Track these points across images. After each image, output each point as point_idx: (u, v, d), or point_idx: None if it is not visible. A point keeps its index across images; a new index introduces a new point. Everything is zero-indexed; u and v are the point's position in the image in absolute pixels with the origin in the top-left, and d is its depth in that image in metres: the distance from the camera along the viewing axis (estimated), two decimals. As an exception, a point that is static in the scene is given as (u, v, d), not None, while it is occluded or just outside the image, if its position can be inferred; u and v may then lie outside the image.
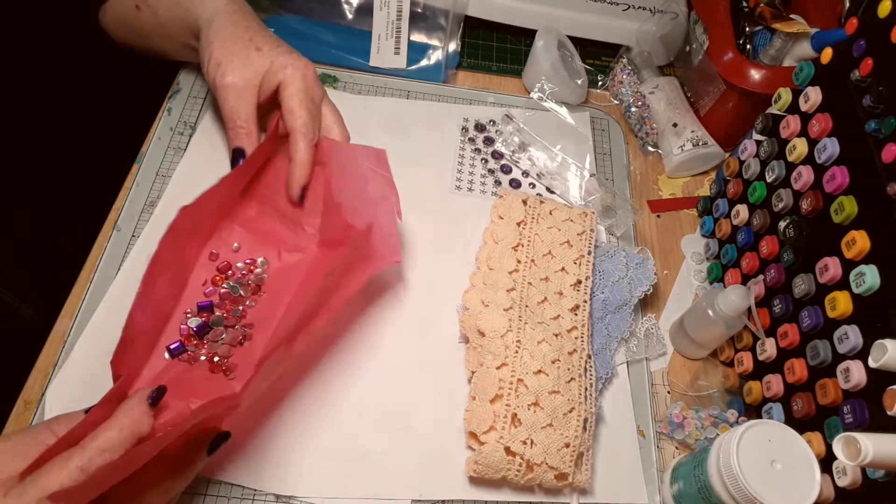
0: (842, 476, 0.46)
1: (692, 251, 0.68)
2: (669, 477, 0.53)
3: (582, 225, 0.61)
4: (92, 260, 0.55)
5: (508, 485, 0.51)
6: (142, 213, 0.58)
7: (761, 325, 0.56)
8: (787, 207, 0.54)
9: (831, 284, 0.49)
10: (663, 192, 0.72)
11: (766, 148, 0.59)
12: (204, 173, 0.60)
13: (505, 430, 0.49)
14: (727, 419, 0.56)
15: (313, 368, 0.54)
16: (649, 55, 0.76)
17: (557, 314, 0.56)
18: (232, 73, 0.54)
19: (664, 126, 0.73)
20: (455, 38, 0.75)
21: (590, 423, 0.52)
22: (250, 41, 0.56)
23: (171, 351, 0.49)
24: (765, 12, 0.68)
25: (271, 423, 0.50)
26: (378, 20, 0.72)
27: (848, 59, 0.51)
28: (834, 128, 0.51)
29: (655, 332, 0.61)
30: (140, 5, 0.58)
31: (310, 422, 0.51)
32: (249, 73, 0.55)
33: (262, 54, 0.55)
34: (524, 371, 0.51)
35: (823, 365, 0.49)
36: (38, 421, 0.47)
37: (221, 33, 0.55)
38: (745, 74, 0.66)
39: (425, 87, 0.73)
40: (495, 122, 0.72)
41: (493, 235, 0.60)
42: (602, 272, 0.61)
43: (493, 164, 0.69)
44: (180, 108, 0.65)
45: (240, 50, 0.55)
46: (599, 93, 0.78)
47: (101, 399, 0.40)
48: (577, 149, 0.71)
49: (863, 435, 0.37)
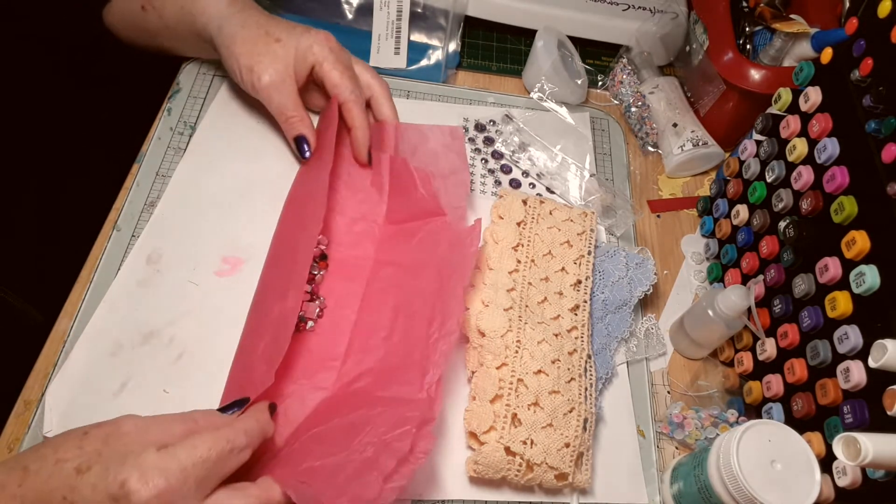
0: (842, 476, 0.45)
1: (692, 251, 0.68)
2: (669, 477, 0.53)
3: (582, 225, 0.61)
4: (92, 260, 0.55)
5: (508, 485, 0.51)
6: (142, 213, 0.58)
7: (761, 325, 0.56)
8: (787, 207, 0.54)
9: (831, 284, 0.49)
10: (663, 192, 0.72)
11: (766, 148, 0.59)
12: (204, 173, 0.61)
13: (505, 430, 0.49)
14: (727, 419, 0.56)
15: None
16: (649, 55, 0.76)
17: (557, 314, 0.56)
18: (266, 73, 0.56)
19: (664, 126, 0.73)
20: (455, 38, 0.75)
21: (590, 423, 0.52)
22: (267, 35, 0.57)
23: None
24: (765, 12, 0.68)
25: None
26: (378, 20, 0.72)
27: (848, 59, 0.51)
28: (834, 128, 0.51)
29: (655, 332, 0.61)
30: (146, 6, 0.58)
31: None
32: (281, 66, 0.57)
33: (283, 44, 0.57)
34: (524, 371, 0.51)
35: (823, 365, 0.49)
36: (38, 421, 0.47)
37: (238, 38, 0.56)
38: (745, 74, 0.66)
39: (425, 87, 0.73)
40: (495, 122, 0.72)
41: (493, 235, 0.60)
42: (602, 272, 0.61)
43: (493, 164, 0.69)
44: (180, 108, 0.65)
45: (262, 48, 0.56)
46: (599, 93, 0.78)
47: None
48: (577, 149, 0.71)
49: (863, 435, 0.37)
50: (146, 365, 0.51)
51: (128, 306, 0.53)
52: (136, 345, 0.51)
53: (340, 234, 0.59)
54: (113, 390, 0.49)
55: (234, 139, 0.63)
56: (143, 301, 0.53)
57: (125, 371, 0.50)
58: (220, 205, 0.59)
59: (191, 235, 0.57)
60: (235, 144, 0.63)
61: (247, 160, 0.62)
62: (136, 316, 0.53)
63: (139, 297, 0.54)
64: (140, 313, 0.53)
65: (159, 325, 0.52)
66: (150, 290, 0.54)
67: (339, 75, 0.57)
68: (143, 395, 0.49)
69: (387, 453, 0.42)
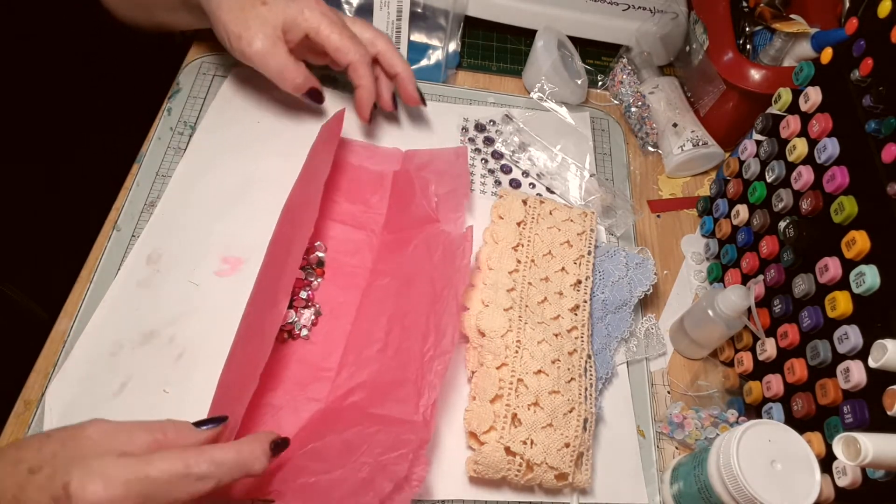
0: (842, 476, 0.45)
1: (692, 251, 0.68)
2: (669, 477, 0.53)
3: (582, 225, 0.61)
4: (92, 260, 0.55)
5: (508, 485, 0.51)
6: (142, 213, 0.58)
7: (761, 325, 0.56)
8: (787, 207, 0.54)
9: (831, 284, 0.49)
10: (663, 192, 0.72)
11: (766, 148, 0.59)
12: (204, 173, 0.61)
13: (505, 430, 0.49)
14: (727, 419, 0.56)
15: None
16: (649, 55, 0.76)
17: (557, 314, 0.56)
18: (257, 39, 0.55)
19: (664, 126, 0.73)
20: (455, 38, 0.75)
21: (590, 423, 0.52)
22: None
23: None
24: (765, 12, 0.68)
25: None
26: (378, 20, 0.72)
27: (848, 59, 0.51)
28: (834, 128, 0.51)
29: (655, 332, 0.61)
30: None
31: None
32: (270, 29, 0.56)
33: (269, 7, 0.56)
34: (524, 371, 0.51)
35: (823, 365, 0.49)
36: (38, 421, 0.47)
37: (224, 4, 0.55)
38: (745, 74, 0.66)
39: (425, 87, 0.72)
40: (495, 122, 0.71)
41: (493, 235, 0.60)
42: (602, 272, 0.61)
43: (493, 164, 0.69)
44: (180, 108, 0.65)
45: (250, 12, 0.55)
46: (599, 93, 0.78)
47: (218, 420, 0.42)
48: (577, 149, 0.71)
49: (863, 435, 0.37)
50: (146, 365, 0.51)
51: (128, 306, 0.53)
52: (136, 345, 0.51)
53: (338, 241, 0.59)
54: (113, 390, 0.49)
55: (234, 139, 0.63)
56: (143, 301, 0.53)
57: (125, 371, 0.50)
58: (220, 205, 0.59)
59: (191, 235, 0.57)
60: (235, 144, 0.63)
61: (247, 160, 0.62)
62: (136, 316, 0.53)
63: (139, 297, 0.54)
64: (140, 313, 0.53)
65: (159, 325, 0.52)
66: (150, 290, 0.54)
67: (339, 37, 0.56)
68: (143, 395, 0.49)
69: (383, 475, 0.42)
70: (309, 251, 0.57)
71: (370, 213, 0.61)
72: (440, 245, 0.55)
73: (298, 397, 0.51)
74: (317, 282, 0.57)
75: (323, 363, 0.53)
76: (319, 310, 0.55)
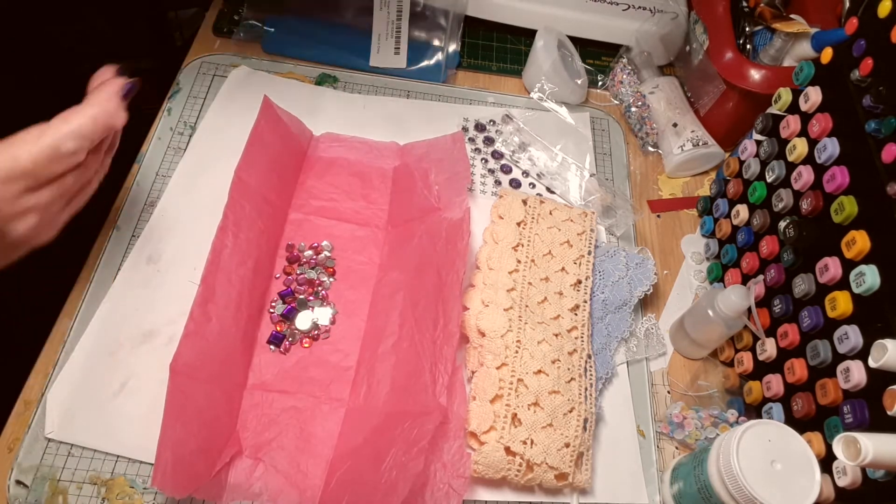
0: (842, 476, 0.45)
1: (692, 251, 0.68)
2: (669, 477, 0.53)
3: (582, 225, 0.61)
4: (92, 260, 0.55)
5: (508, 485, 0.51)
6: (142, 213, 0.58)
7: (761, 325, 0.56)
8: (787, 207, 0.54)
9: (831, 284, 0.49)
10: (663, 192, 0.72)
11: (766, 148, 0.59)
12: (204, 173, 0.61)
13: (505, 429, 0.49)
14: (727, 419, 0.56)
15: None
16: (649, 55, 0.76)
17: (557, 314, 0.56)
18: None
19: (664, 126, 0.73)
20: (455, 38, 0.75)
21: (590, 423, 0.52)
22: None
23: (271, 341, 0.53)
24: (765, 12, 0.68)
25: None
26: (378, 20, 0.72)
27: (848, 59, 0.51)
28: (834, 128, 0.51)
29: (655, 332, 0.61)
30: None
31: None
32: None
33: None
34: (524, 371, 0.51)
35: (823, 365, 0.49)
36: (38, 421, 0.47)
37: None
38: (745, 74, 0.66)
39: (425, 87, 0.73)
40: (495, 122, 0.71)
41: (493, 235, 0.60)
42: (602, 272, 0.61)
43: (493, 164, 0.69)
44: (180, 108, 0.65)
45: None
46: (599, 93, 0.78)
47: None
48: (577, 149, 0.71)
49: (863, 435, 0.37)
50: (146, 364, 0.51)
51: (128, 306, 0.53)
52: (136, 344, 0.51)
53: (344, 240, 0.59)
54: (113, 390, 0.49)
55: (234, 139, 0.63)
56: (143, 301, 0.53)
57: (125, 371, 0.50)
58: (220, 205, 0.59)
59: (191, 235, 0.57)
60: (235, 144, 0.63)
61: (247, 160, 0.62)
62: (136, 316, 0.53)
63: (139, 297, 0.54)
64: (140, 313, 0.53)
65: (159, 325, 0.53)
66: (150, 290, 0.54)
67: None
68: (143, 394, 0.49)
69: (403, 477, 0.43)
70: (317, 251, 0.58)
71: (372, 209, 0.61)
72: (442, 232, 0.55)
73: (321, 398, 0.51)
74: (329, 281, 0.57)
75: (342, 363, 0.53)
76: (336, 309, 0.56)
